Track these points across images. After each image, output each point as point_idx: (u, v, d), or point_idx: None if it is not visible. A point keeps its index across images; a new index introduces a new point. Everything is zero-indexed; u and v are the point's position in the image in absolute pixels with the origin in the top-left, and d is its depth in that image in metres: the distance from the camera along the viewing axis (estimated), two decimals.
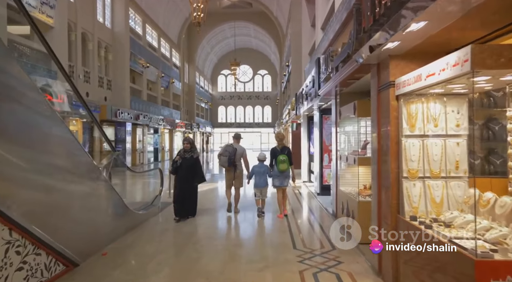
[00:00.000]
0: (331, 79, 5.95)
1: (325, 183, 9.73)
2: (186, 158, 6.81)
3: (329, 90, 6.40)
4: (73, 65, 15.49)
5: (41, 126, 3.96)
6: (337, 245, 5.11)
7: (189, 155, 6.84)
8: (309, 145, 12.73)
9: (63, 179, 4.15)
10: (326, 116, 9.67)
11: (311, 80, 8.36)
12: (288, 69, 22.84)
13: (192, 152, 6.89)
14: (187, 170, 6.77)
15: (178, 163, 6.78)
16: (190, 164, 6.80)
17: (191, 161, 6.83)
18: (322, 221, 6.90)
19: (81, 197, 4.51)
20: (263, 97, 49.40)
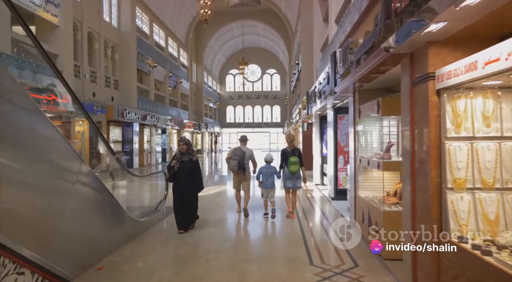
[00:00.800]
0: (350, 74, 5.38)
1: (340, 187, 9.14)
2: (184, 162, 5.91)
3: (347, 86, 5.82)
4: (79, 65, 15.14)
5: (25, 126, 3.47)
6: (359, 261, 4.54)
7: (187, 157, 5.95)
8: (321, 146, 12.14)
9: (50, 187, 3.66)
10: (341, 115, 9.09)
11: (325, 77, 7.79)
12: (298, 68, 22.24)
13: (190, 154, 6.02)
14: (186, 175, 5.90)
15: (175, 168, 5.89)
16: (189, 168, 5.95)
17: (190, 165, 5.96)
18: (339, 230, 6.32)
19: (72, 206, 4.02)
20: (272, 97, 48.83)
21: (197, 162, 6.18)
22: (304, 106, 13.57)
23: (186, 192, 5.97)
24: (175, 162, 5.93)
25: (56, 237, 3.71)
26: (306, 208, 8.55)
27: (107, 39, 17.83)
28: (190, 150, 6.04)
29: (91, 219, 4.42)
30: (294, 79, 27.31)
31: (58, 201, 3.77)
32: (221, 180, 14.79)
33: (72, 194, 3.99)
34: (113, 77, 18.49)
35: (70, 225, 3.98)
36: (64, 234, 3.83)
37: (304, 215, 7.64)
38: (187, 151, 5.98)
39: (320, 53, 12.75)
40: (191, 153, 6.04)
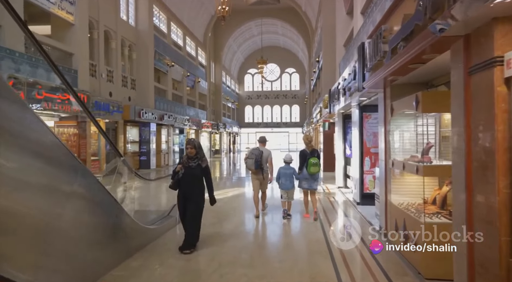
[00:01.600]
0: (382, 66, 4.75)
1: (366, 191, 8.47)
2: (191, 167, 5.03)
3: (378, 80, 5.19)
4: (95, 64, 14.97)
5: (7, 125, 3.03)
6: (396, 280, 3.92)
7: (195, 163, 5.04)
8: (344, 146, 11.46)
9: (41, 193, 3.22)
10: (368, 114, 8.42)
11: (351, 71, 7.16)
12: (319, 65, 21.53)
13: (199, 159, 5.07)
14: (192, 183, 5.04)
15: (180, 174, 5.03)
16: (197, 176, 5.06)
17: (197, 172, 5.05)
18: (369, 241, 5.68)
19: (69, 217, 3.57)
20: (291, 96, 48.11)
21: (206, 168, 5.16)
22: (326, 105, 12.92)
23: (191, 203, 5.10)
24: (180, 167, 5.09)
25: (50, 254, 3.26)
26: (329, 213, 7.93)
27: (124, 38, 17.64)
28: (199, 154, 5.10)
29: (92, 230, 3.96)
30: (314, 77, 26.58)
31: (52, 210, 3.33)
32: (239, 182, 14.30)
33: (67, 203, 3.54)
34: (130, 77, 18.30)
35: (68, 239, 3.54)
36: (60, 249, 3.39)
37: (328, 222, 7.02)
38: (196, 155, 5.07)
39: (343, 48, 12.07)
40: (200, 158, 5.09)
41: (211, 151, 33.34)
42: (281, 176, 7.14)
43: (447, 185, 4.67)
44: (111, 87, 16.22)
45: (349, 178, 11.18)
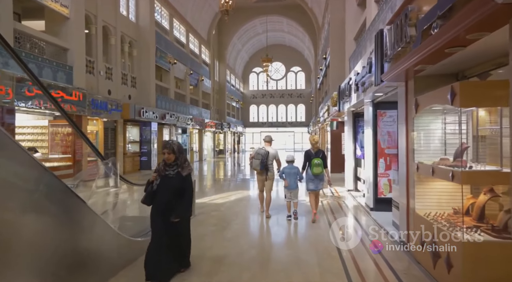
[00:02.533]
0: (409, 53, 4.04)
1: (380, 196, 7.75)
2: (169, 177, 3.98)
3: (401, 71, 4.47)
4: (93, 60, 14.36)
5: None
6: None
7: (174, 170, 3.99)
8: (354, 147, 10.74)
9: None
10: (382, 111, 7.70)
11: (366, 64, 6.44)
12: (326, 62, 20.79)
13: (179, 166, 4.01)
14: (170, 197, 3.95)
15: (155, 185, 4.01)
16: (176, 187, 3.96)
17: (176, 182, 3.97)
18: (388, 255, 4.97)
19: (30, 235, 2.90)
20: (296, 95, 47.36)
21: (188, 178, 4.07)
22: (335, 102, 12.20)
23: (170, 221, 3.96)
24: (155, 176, 4.04)
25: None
26: (341, 220, 7.20)
27: (124, 34, 17.03)
28: (179, 160, 4.01)
29: (59, 249, 3.29)
30: (320, 75, 25.82)
31: (14, 229, 2.66)
32: (244, 184, 13.61)
33: (24, 218, 2.86)
34: (130, 74, 17.69)
35: (34, 259, 2.88)
36: (25, 271, 2.73)
37: (341, 232, 6.31)
38: (175, 162, 4.00)
39: (353, 43, 11.35)
40: (180, 164, 4.01)
41: (215, 151, 32.70)
42: (285, 175, 7.07)
43: (485, 193, 3.95)
44: (110, 85, 15.61)
45: (360, 181, 10.47)
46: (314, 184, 6.95)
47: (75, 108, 11.68)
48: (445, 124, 4.63)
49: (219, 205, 8.85)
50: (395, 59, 4.81)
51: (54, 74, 11.15)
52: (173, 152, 3.96)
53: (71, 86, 11.73)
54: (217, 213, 7.93)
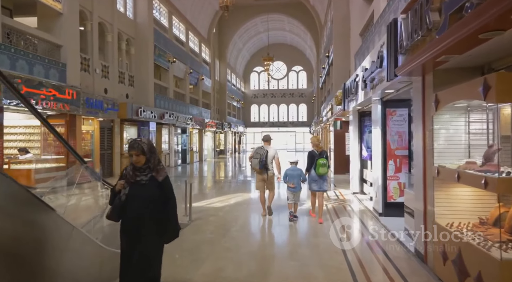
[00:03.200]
0: (432, 41, 3.54)
1: (390, 200, 7.25)
2: (140, 184, 3.08)
3: (419, 64, 3.97)
4: (88, 58, 13.88)
5: None
6: None
7: (146, 176, 3.10)
8: (360, 148, 10.24)
9: None
10: (392, 110, 7.20)
11: (376, 58, 5.94)
12: (328, 60, 20.28)
13: (153, 169, 3.12)
14: (143, 209, 3.06)
15: (123, 195, 3.09)
16: (150, 196, 3.08)
17: (151, 190, 3.08)
18: (404, 268, 4.46)
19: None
20: (298, 95, 46.85)
21: (165, 183, 3.15)
22: (339, 101, 11.69)
23: (141, 239, 3.06)
24: (122, 184, 3.10)
25: None
26: (347, 226, 6.70)
27: (121, 31, 16.54)
28: (152, 162, 3.12)
29: (27, 267, 2.80)
30: (323, 74, 25.31)
31: None
32: (245, 186, 13.11)
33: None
34: (128, 73, 17.20)
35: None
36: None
37: (348, 240, 5.81)
38: (147, 164, 3.09)
39: (359, 38, 10.84)
40: (153, 168, 3.11)
41: (216, 151, 32.23)
42: (288, 177, 6.96)
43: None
44: (107, 84, 15.14)
45: (366, 183, 9.97)
46: (318, 185, 6.88)
47: (68, 107, 11.20)
48: (468, 123, 4.14)
49: (217, 209, 8.36)
50: (412, 51, 4.31)
51: (46, 72, 10.67)
52: (143, 152, 3.04)
53: (64, 84, 11.25)
54: (216, 218, 7.45)
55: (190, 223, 6.86)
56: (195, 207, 8.31)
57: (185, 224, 6.75)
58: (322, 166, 6.76)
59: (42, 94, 10.12)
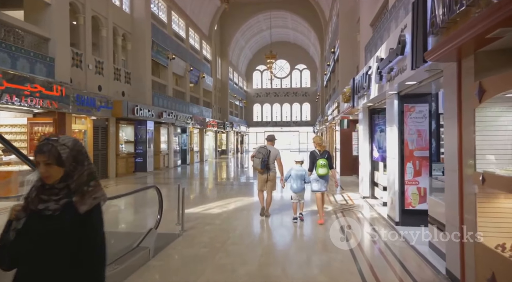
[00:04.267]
0: (484, 11, 2.72)
1: (408, 207, 6.41)
2: (43, 217, 1.60)
3: (458, 45, 3.14)
4: (81, 53, 13.12)
5: None
6: None
7: (56, 203, 1.61)
8: (371, 148, 9.41)
9: None
10: (410, 106, 6.36)
11: (396, 44, 5.10)
12: (334, 57, 19.43)
13: (73, 192, 1.63)
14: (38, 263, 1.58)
15: (12, 232, 1.63)
16: (52, 242, 1.58)
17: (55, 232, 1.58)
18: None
19: None
20: (302, 94, 45.98)
21: (92, 217, 1.65)
22: (347, 98, 10.86)
23: None
24: (18, 211, 1.64)
25: None
26: (360, 238, 5.88)
27: (117, 25, 15.77)
28: (74, 180, 1.64)
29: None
30: (327, 71, 24.46)
31: None
32: (245, 188, 12.29)
33: None
34: (124, 69, 16.43)
35: None
36: None
37: (363, 255, 4.99)
38: (64, 182, 1.63)
39: (369, 29, 10.00)
40: (76, 189, 1.63)
41: (217, 151, 31.45)
42: (292, 177, 6.84)
43: None
44: (101, 80, 14.37)
45: (377, 186, 9.15)
46: (319, 185, 6.76)
47: (56, 105, 10.44)
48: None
49: (215, 216, 7.56)
50: (447, 30, 3.49)
51: (32, 66, 9.91)
52: (57, 161, 1.61)
53: (53, 80, 10.49)
54: (212, 227, 6.64)
55: (182, 234, 6.07)
56: (190, 214, 7.54)
57: (176, 235, 5.98)
58: (322, 167, 6.64)
59: (26, 91, 9.36)
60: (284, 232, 6.33)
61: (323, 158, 6.70)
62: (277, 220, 7.23)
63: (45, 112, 10.84)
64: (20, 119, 11.11)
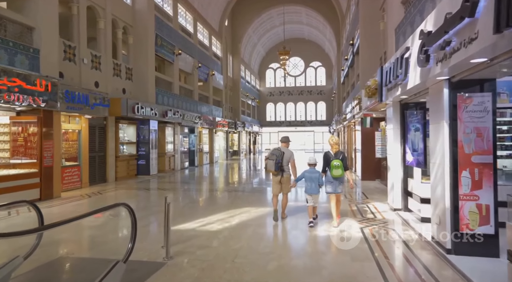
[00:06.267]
0: None
1: (464, 230, 4.84)
2: None
3: None
4: (74, 46, 11.94)
5: None
6: None
7: None
8: (404, 150, 7.84)
9: None
10: (466, 96, 4.80)
11: (454, 9, 3.59)
12: (353, 49, 17.80)
13: None
14: None
15: None
16: None
17: None
18: None
19: None
20: (316, 92, 44.28)
21: None
22: (372, 92, 9.31)
23: None
24: None
25: None
26: (403, 274, 4.36)
27: (116, 17, 14.57)
28: None
29: None
30: (345, 66, 22.79)
31: None
32: (255, 196, 10.82)
33: None
34: (125, 65, 15.22)
35: None
36: None
37: None
38: None
39: (400, 8, 8.40)
40: None
41: (229, 152, 30.11)
42: (305, 179, 6.69)
43: None
44: (98, 76, 13.17)
45: (411, 197, 7.58)
46: (333, 187, 6.60)
47: (40, 101, 9.21)
48: None
49: (212, 234, 6.14)
50: None
51: (11, 58, 8.70)
52: None
53: (37, 74, 9.27)
54: (206, 252, 5.22)
55: (167, 262, 4.68)
56: (183, 231, 6.17)
57: (158, 264, 4.60)
58: (336, 168, 6.42)
59: (2, 85, 8.15)
60: (298, 263, 4.86)
61: (337, 159, 6.49)
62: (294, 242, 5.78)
63: (29, 110, 9.66)
64: (3, 118, 9.95)
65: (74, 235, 6.33)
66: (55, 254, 5.21)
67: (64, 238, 5.97)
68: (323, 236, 6.04)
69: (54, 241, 5.71)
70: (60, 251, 5.36)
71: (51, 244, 5.54)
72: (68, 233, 6.20)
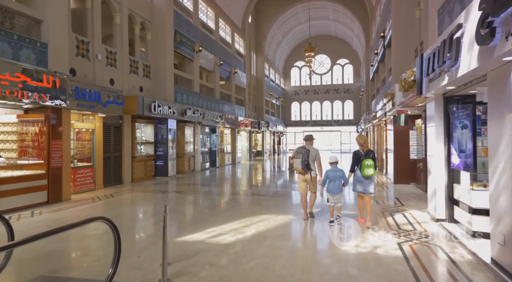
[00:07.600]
0: None
1: None
2: None
3: None
4: (87, 41, 11.44)
5: None
6: None
7: None
8: (448, 151, 6.69)
9: None
10: None
11: None
12: (384, 42, 16.52)
13: None
14: None
15: None
16: None
17: None
18: None
19: None
20: (343, 91, 42.74)
21: None
22: (409, 85, 8.18)
23: None
24: None
25: None
26: None
27: (133, 12, 14.05)
28: None
29: None
30: (375, 62, 21.43)
31: None
32: (277, 201, 9.87)
33: None
34: (142, 62, 14.68)
35: None
36: None
37: None
38: None
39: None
40: None
41: (252, 153, 29.30)
42: (329, 179, 6.56)
43: None
44: (113, 73, 12.66)
45: (458, 205, 6.42)
46: (363, 186, 6.45)
47: (46, 98, 8.68)
48: None
49: (222, 249, 5.26)
50: None
51: (15, 52, 8.21)
52: None
53: (45, 69, 8.76)
54: (212, 272, 4.35)
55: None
56: (188, 244, 5.35)
57: None
58: (368, 167, 6.30)
59: (4, 80, 7.64)
60: None
61: (368, 158, 6.35)
62: (318, 261, 4.83)
63: (37, 108, 9.17)
64: (12, 117, 9.54)
65: (62, 247, 5.62)
66: (33, 272, 4.48)
67: (47, 251, 5.22)
68: (353, 253, 5.04)
69: (34, 256, 4.98)
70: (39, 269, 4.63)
71: (30, 259, 4.83)
72: (55, 244, 5.50)
